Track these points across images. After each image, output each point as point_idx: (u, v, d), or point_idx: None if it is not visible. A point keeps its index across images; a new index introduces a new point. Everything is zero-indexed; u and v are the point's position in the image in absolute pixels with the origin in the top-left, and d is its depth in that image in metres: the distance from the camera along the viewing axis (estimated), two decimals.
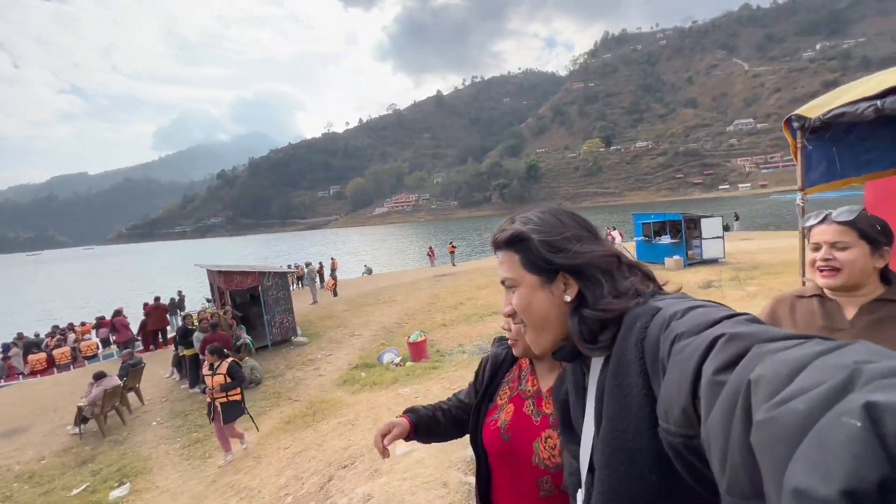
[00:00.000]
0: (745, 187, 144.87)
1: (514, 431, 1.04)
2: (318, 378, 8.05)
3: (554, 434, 0.99)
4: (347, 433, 4.72)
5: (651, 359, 0.52)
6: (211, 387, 5.14)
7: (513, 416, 1.06)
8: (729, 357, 0.36)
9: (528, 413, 1.06)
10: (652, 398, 0.52)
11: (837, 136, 2.95)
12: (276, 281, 11.02)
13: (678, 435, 0.43)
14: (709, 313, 0.48)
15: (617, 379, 0.57)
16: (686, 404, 0.40)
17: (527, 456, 1.00)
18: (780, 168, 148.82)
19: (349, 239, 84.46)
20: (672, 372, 0.45)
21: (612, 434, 0.57)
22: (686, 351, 0.43)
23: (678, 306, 0.54)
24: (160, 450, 6.04)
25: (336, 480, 3.47)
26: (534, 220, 0.72)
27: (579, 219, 0.75)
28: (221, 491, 4.36)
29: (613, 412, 0.57)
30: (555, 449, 0.98)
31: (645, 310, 0.58)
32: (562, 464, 0.92)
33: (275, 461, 4.68)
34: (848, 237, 1.22)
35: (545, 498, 0.99)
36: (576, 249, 0.67)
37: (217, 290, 12.69)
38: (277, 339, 10.72)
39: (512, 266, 0.73)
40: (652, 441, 0.52)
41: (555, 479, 0.97)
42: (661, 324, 0.52)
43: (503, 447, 1.04)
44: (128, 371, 7.66)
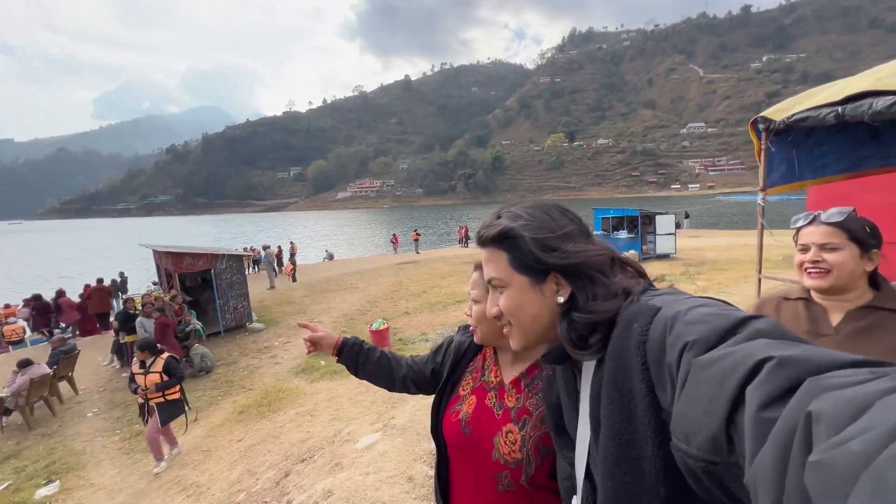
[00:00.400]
0: (695, 187, 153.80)
1: (476, 425, 1.01)
2: (275, 366, 7.73)
3: (515, 428, 0.97)
4: (306, 424, 4.53)
5: (655, 364, 0.49)
6: (144, 386, 4.49)
7: (475, 408, 1.04)
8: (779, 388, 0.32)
9: (491, 406, 1.03)
10: (657, 405, 0.49)
11: (798, 139, 3.06)
12: (230, 264, 10.44)
13: (700, 460, 0.39)
14: (718, 316, 0.45)
15: (617, 383, 0.54)
16: (718, 431, 0.36)
17: (487, 450, 0.98)
18: (726, 171, 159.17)
19: (310, 223, 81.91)
20: (696, 391, 0.40)
21: (614, 442, 0.54)
22: (716, 369, 0.38)
23: (679, 305, 0.51)
24: (96, 443, 5.57)
25: (294, 475, 3.30)
26: (523, 217, 0.68)
27: (570, 214, 0.70)
28: (166, 488, 4.07)
29: (614, 418, 0.54)
30: (515, 444, 0.95)
31: (642, 309, 0.55)
32: (521, 459, 0.93)
33: (226, 455, 4.42)
34: (837, 238, 1.20)
35: (504, 492, 0.97)
36: (569, 249, 0.64)
37: (164, 273, 11.86)
38: (231, 325, 10.20)
39: (500, 265, 0.68)
40: (659, 450, 0.49)
41: (513, 474, 0.95)
42: (665, 326, 0.49)
43: (464, 440, 1.01)
44: (59, 358, 6.99)
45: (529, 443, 0.94)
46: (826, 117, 2.59)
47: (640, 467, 0.51)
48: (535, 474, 0.93)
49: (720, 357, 0.39)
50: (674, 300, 0.54)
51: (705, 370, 0.40)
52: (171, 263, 10.15)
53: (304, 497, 2.72)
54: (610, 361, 0.56)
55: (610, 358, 0.56)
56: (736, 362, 0.37)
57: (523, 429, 0.96)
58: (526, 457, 0.93)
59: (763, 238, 3.19)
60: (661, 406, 0.49)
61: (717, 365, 0.38)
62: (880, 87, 2.34)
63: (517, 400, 1.00)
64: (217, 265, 10.20)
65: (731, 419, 0.35)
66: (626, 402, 0.53)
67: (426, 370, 1.25)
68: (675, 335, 0.47)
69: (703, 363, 0.40)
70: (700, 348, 0.42)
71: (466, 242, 25.98)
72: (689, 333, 0.45)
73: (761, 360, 0.35)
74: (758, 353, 0.36)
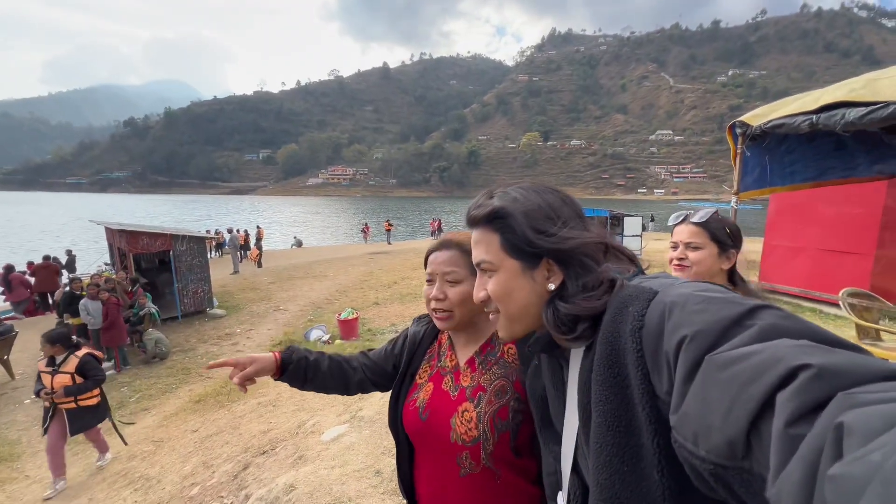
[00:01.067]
0: (660, 192, 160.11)
1: (432, 409, 1.02)
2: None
3: (470, 406, 0.97)
4: (268, 415, 4.34)
5: (651, 351, 0.47)
6: (50, 388, 3.70)
7: (431, 394, 1.04)
8: (812, 401, 0.30)
9: (447, 389, 1.03)
10: (652, 393, 0.47)
11: (771, 146, 3.15)
12: (191, 246, 9.93)
13: (709, 462, 0.37)
14: (721, 303, 0.43)
15: (612, 369, 0.51)
16: (736, 436, 0.34)
17: (445, 434, 0.97)
18: (689, 178, 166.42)
19: (279, 208, 79.37)
20: (710, 391, 0.37)
21: (611, 431, 0.51)
22: (736, 371, 0.36)
23: (677, 289, 0.49)
24: (33, 433, 5.15)
25: (253, 468, 3.14)
26: (518, 198, 0.65)
27: (566, 198, 0.67)
28: (111, 481, 3.80)
29: (609, 405, 0.51)
30: (471, 422, 0.95)
31: (637, 292, 0.52)
32: (478, 436, 0.93)
33: (179, 446, 4.18)
34: (700, 238, 1.32)
35: (466, 476, 0.96)
36: (563, 234, 0.61)
37: (118, 253, 11.13)
38: (189, 310, 9.72)
39: (490, 248, 0.65)
40: (657, 437, 0.47)
41: (473, 454, 0.94)
42: (662, 312, 0.47)
43: (421, 427, 1.01)
44: None
45: (485, 418, 0.94)
46: (801, 125, 2.66)
47: (640, 455, 0.49)
48: (494, 450, 0.92)
49: (740, 357, 0.36)
50: (670, 284, 0.52)
51: (722, 370, 0.37)
52: (126, 243, 9.53)
53: (263, 491, 2.58)
54: (602, 347, 0.53)
55: (602, 343, 0.54)
56: (762, 365, 0.34)
57: (478, 405, 0.96)
58: (483, 433, 0.93)
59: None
60: (656, 394, 0.47)
61: (738, 366, 0.36)
62: (853, 98, 2.41)
63: (472, 378, 1.01)
64: (177, 246, 9.67)
65: (753, 425, 0.34)
66: (622, 389, 0.50)
67: (387, 366, 1.19)
68: (674, 323, 0.44)
69: (719, 362, 0.37)
70: (704, 340, 0.40)
71: (439, 235, 25.91)
72: (689, 322, 0.43)
73: (797, 367, 0.32)
74: (790, 358, 0.33)
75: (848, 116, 2.39)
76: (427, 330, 1.16)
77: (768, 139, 3.06)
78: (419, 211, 68.00)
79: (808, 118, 2.61)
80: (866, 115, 2.29)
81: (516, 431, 0.93)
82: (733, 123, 3.12)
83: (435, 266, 1.04)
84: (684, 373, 0.40)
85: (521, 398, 0.93)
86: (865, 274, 5.55)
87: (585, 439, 0.59)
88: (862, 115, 2.31)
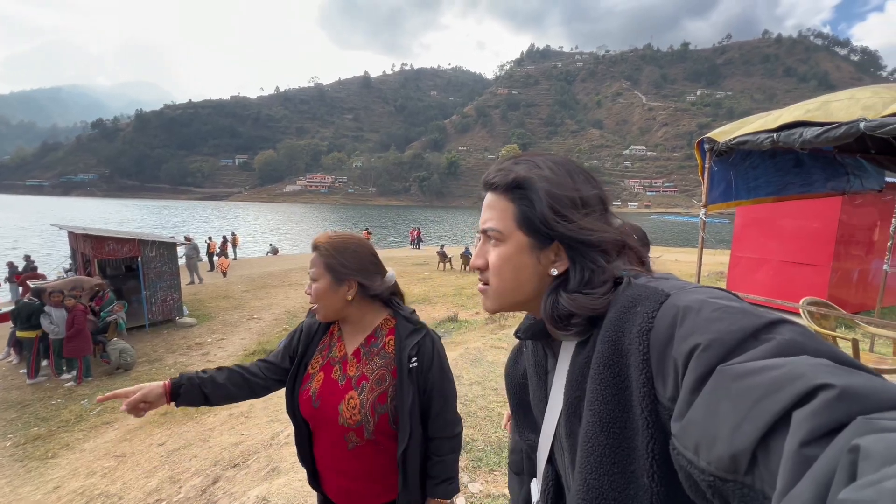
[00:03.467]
0: (634, 205, 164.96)
1: (323, 397, 1.16)
2: (207, 364, 7.15)
3: (355, 394, 1.14)
4: (240, 427, 4.20)
5: (658, 355, 0.45)
6: None
7: (322, 383, 1.18)
8: (831, 423, 0.29)
9: (335, 378, 1.18)
10: (653, 397, 0.46)
11: (736, 161, 3.32)
12: (160, 252, 9.60)
13: (709, 474, 0.36)
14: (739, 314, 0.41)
15: (612, 369, 0.50)
16: (743, 450, 0.33)
17: (334, 417, 1.14)
18: (661, 192, 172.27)
19: (254, 215, 77.64)
20: (719, 402, 0.36)
21: (605, 431, 0.50)
22: (750, 384, 0.34)
23: (690, 294, 0.47)
24: None
25: (223, 482, 3.02)
26: (545, 172, 0.60)
27: (593, 181, 0.63)
28: (68, 500, 3.57)
29: (606, 405, 0.50)
30: (355, 408, 1.12)
31: (647, 293, 0.50)
32: (361, 420, 1.11)
33: (143, 460, 3.98)
34: None
35: (353, 448, 1.15)
36: (583, 223, 0.57)
37: (81, 258, 10.63)
38: (158, 318, 9.37)
39: (503, 217, 0.61)
40: (652, 442, 0.46)
41: (357, 433, 1.13)
42: (675, 316, 0.45)
43: (314, 412, 1.17)
44: None
45: (367, 405, 1.12)
46: (763, 142, 2.83)
47: (631, 458, 0.48)
48: (374, 429, 1.12)
49: (757, 370, 0.35)
50: (682, 287, 0.49)
51: (736, 382, 0.35)
52: (91, 248, 9.13)
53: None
54: (604, 345, 0.51)
55: (604, 341, 0.51)
56: (780, 381, 0.33)
57: (361, 393, 1.13)
58: (364, 417, 1.12)
59: (703, 250, 3.42)
60: (657, 398, 0.45)
61: (753, 379, 0.34)
62: (808, 118, 2.58)
63: (357, 368, 1.17)
64: (145, 252, 9.33)
65: (763, 440, 0.32)
66: (620, 390, 0.49)
67: (284, 363, 1.28)
68: (687, 328, 0.43)
69: (733, 373, 0.36)
70: (718, 350, 0.38)
71: (418, 244, 25.88)
72: (704, 330, 0.41)
73: (818, 386, 0.31)
74: (811, 376, 0.32)
75: (805, 135, 2.55)
76: (321, 324, 1.28)
77: (734, 155, 3.23)
78: (398, 219, 67.76)
79: (770, 136, 2.78)
80: (821, 134, 2.46)
81: (394, 412, 1.14)
82: (701, 140, 3.28)
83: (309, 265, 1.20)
84: (693, 381, 0.39)
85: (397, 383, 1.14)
86: (823, 284, 5.87)
87: (567, 432, 0.58)
88: (817, 133, 2.48)
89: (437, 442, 1.22)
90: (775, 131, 2.77)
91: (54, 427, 5.29)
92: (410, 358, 1.16)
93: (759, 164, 3.34)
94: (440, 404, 1.21)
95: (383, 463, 1.17)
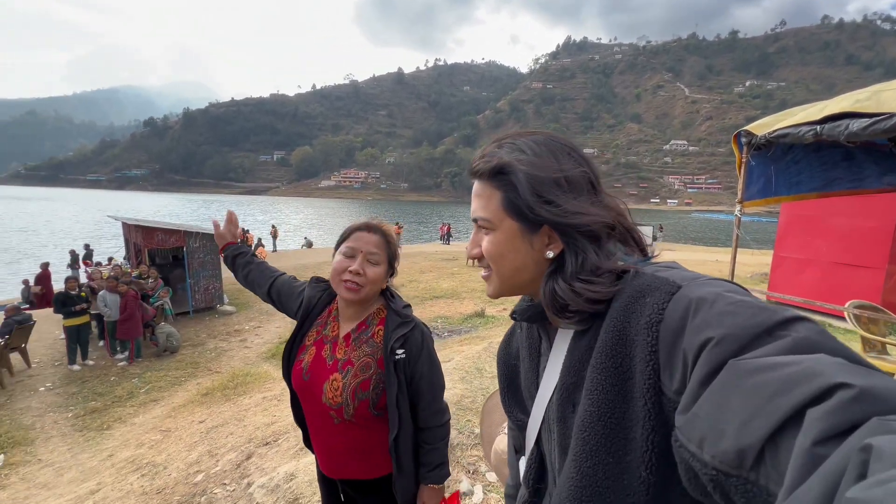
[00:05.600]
0: (673, 203, 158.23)
1: (312, 373, 1.21)
2: (244, 350, 7.55)
3: (339, 377, 1.17)
4: (272, 409, 4.43)
5: (667, 347, 0.44)
6: None
7: (313, 358, 1.23)
8: (846, 423, 0.28)
9: (325, 356, 1.22)
10: (658, 389, 0.45)
11: (777, 155, 3.16)
12: (204, 243, 10.14)
13: (712, 468, 0.36)
14: (754, 309, 0.40)
15: (615, 359, 0.49)
16: (751, 446, 0.33)
17: (319, 395, 1.18)
18: (703, 189, 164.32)
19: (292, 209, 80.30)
20: (729, 397, 0.35)
21: (602, 421, 0.49)
22: (763, 380, 0.34)
23: (703, 287, 0.45)
24: (47, 419, 5.32)
25: (256, 458, 3.22)
26: (527, 154, 0.58)
27: (579, 159, 0.60)
28: (119, 467, 3.90)
29: (606, 395, 0.49)
30: (337, 390, 1.16)
31: (656, 283, 0.49)
32: (342, 403, 1.15)
33: (186, 435, 4.28)
34: None
35: (339, 424, 1.19)
36: (568, 206, 0.56)
37: (133, 248, 11.41)
38: (201, 305, 9.92)
39: (490, 205, 0.60)
40: (653, 434, 0.45)
41: (338, 414, 1.17)
42: (687, 308, 0.44)
43: (304, 384, 1.22)
44: (12, 328, 6.64)
45: (349, 389, 1.15)
46: (805, 135, 2.68)
47: (628, 449, 0.47)
48: (354, 413, 1.16)
49: (771, 366, 0.34)
50: (693, 278, 0.48)
51: (748, 377, 0.35)
52: (142, 238, 9.78)
53: (264, 479, 2.65)
54: (608, 334, 0.50)
55: (608, 331, 0.50)
56: (795, 378, 0.32)
57: (345, 377, 1.17)
58: (345, 401, 1.15)
59: (737, 249, 3.28)
60: (662, 390, 0.45)
61: (767, 375, 0.34)
62: (858, 109, 2.42)
63: (345, 353, 1.21)
64: (190, 243, 9.89)
65: (772, 437, 0.32)
66: (622, 380, 0.48)
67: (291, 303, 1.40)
68: (700, 321, 0.42)
69: (745, 368, 0.36)
70: (731, 345, 0.38)
71: (448, 239, 25.97)
72: (718, 324, 0.40)
73: (835, 385, 0.30)
74: (829, 375, 0.31)
75: (851, 127, 2.40)
76: (322, 296, 1.33)
77: (773, 149, 3.07)
78: (429, 215, 68.22)
79: (813, 128, 2.63)
80: (870, 125, 2.30)
81: (377, 399, 1.17)
82: (738, 133, 3.14)
83: (360, 244, 1.19)
84: (703, 374, 0.38)
85: (381, 373, 1.17)
86: (877, 288, 5.46)
87: (558, 416, 0.58)
88: (865, 126, 2.32)
89: (429, 431, 1.25)
90: (819, 123, 2.61)
91: (109, 402, 5.75)
92: (394, 350, 1.18)
93: (801, 158, 3.16)
94: (430, 395, 1.24)
95: (371, 441, 1.21)
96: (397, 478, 1.21)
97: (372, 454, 1.22)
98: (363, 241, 1.20)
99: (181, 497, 2.97)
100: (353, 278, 1.17)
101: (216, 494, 2.85)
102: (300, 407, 1.30)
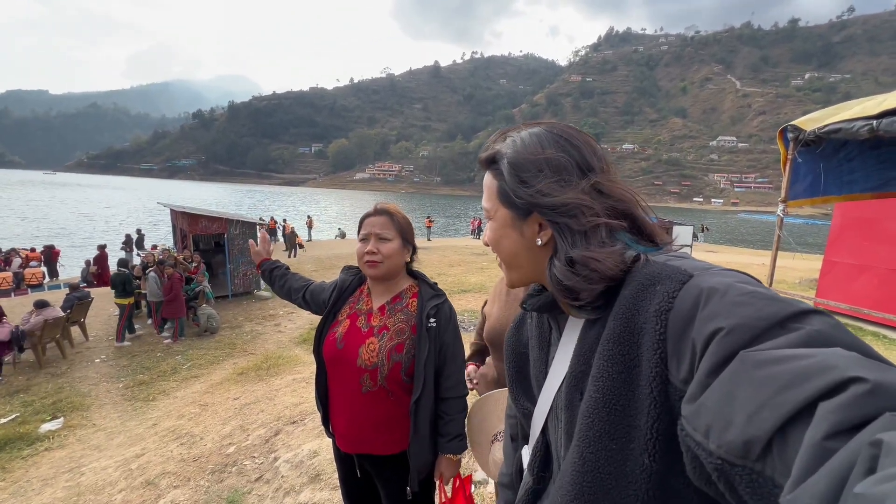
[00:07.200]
0: (718, 202, 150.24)
1: (347, 340, 1.31)
2: (278, 334, 7.87)
3: (375, 340, 1.28)
4: (301, 390, 4.62)
5: (676, 335, 0.44)
6: None
7: (348, 328, 1.33)
8: (858, 418, 0.28)
9: (360, 326, 1.33)
10: (665, 377, 0.45)
11: (827, 152, 2.96)
12: (243, 230, 10.60)
13: (718, 458, 0.35)
14: (767, 300, 0.39)
15: (622, 346, 0.49)
16: (759, 437, 0.32)
17: (353, 359, 1.27)
18: (753, 188, 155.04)
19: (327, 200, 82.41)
20: (739, 387, 0.35)
21: (607, 408, 0.49)
22: (775, 371, 0.33)
23: (715, 276, 0.44)
24: (101, 387, 5.77)
25: (283, 435, 3.38)
26: (515, 143, 0.60)
27: (569, 147, 0.58)
28: (161, 434, 4.20)
29: (612, 382, 0.49)
30: (374, 352, 1.26)
31: (667, 272, 0.48)
32: (377, 363, 1.25)
33: (221, 410, 4.54)
34: None
35: (367, 393, 1.27)
36: (540, 187, 0.55)
37: (180, 233, 12.11)
38: (239, 290, 10.40)
39: (489, 193, 0.64)
40: (657, 423, 0.45)
41: (372, 376, 1.26)
42: (696, 297, 0.43)
43: (337, 353, 1.30)
44: (73, 303, 7.23)
45: (384, 350, 1.26)
46: (859, 130, 2.50)
47: (632, 436, 0.47)
48: (388, 374, 1.25)
49: (783, 358, 0.34)
50: (705, 268, 0.47)
51: (759, 368, 0.34)
52: (188, 224, 10.35)
53: (290, 455, 2.79)
54: (616, 322, 0.50)
55: (616, 318, 0.50)
56: (809, 370, 0.32)
57: (381, 340, 1.28)
58: (381, 361, 1.25)
59: (777, 251, 3.11)
60: (669, 379, 0.44)
61: (779, 367, 0.33)
62: None
63: (380, 320, 1.32)
64: (231, 230, 10.37)
65: (781, 429, 0.32)
66: (628, 368, 0.48)
67: (323, 296, 1.51)
68: (710, 311, 0.41)
69: (756, 359, 0.35)
70: (742, 335, 0.37)
71: (479, 234, 25.91)
72: (729, 314, 0.39)
73: (849, 379, 0.30)
74: (843, 368, 0.31)
75: None
76: (353, 281, 1.45)
77: (824, 145, 2.87)
78: (460, 209, 68.25)
79: (868, 123, 2.44)
80: None
81: (408, 363, 1.26)
82: (784, 127, 2.96)
83: (371, 227, 1.32)
84: (712, 364, 0.38)
85: (414, 338, 1.28)
86: None
87: (566, 404, 0.57)
88: None
89: (450, 402, 1.34)
90: (876, 118, 2.42)
91: (155, 376, 6.17)
92: (429, 317, 1.29)
93: (855, 155, 2.94)
94: (453, 365, 1.34)
95: (394, 414, 1.28)
96: (413, 439, 1.28)
97: (394, 428, 1.29)
98: (372, 224, 1.33)
99: (214, 466, 3.17)
100: (371, 257, 1.30)
101: (245, 466, 3.02)
102: (325, 384, 1.37)
